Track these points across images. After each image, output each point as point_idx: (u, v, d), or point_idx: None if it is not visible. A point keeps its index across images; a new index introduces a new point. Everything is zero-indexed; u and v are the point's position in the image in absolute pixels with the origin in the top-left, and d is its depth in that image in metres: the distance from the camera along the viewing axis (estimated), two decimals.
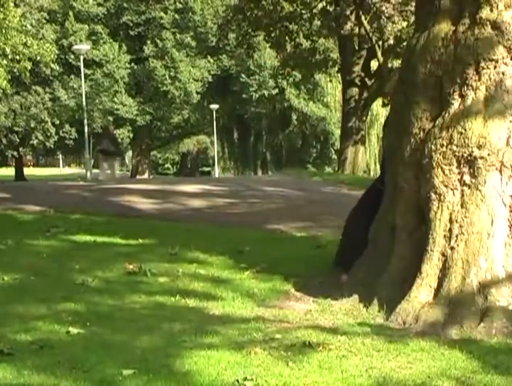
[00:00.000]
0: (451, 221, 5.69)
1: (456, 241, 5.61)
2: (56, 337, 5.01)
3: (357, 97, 26.89)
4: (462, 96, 5.86)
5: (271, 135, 51.89)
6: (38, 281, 6.93)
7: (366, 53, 26.70)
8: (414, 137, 6.13)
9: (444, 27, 6.12)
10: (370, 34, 25.65)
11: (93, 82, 41.94)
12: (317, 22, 27.53)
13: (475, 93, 5.81)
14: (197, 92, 42.85)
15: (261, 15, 27.07)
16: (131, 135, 45.60)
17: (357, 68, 26.80)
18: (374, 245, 6.64)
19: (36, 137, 42.19)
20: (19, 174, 43.75)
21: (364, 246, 6.66)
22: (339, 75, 30.05)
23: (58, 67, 34.80)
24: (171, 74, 42.29)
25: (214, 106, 44.00)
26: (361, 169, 27.86)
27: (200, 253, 8.28)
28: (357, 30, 25.31)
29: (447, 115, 5.91)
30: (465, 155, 5.71)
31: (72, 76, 41.05)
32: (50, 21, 41.06)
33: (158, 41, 42.96)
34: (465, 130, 5.73)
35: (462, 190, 5.71)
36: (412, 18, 17.32)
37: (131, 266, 7.51)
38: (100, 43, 42.50)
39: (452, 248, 5.61)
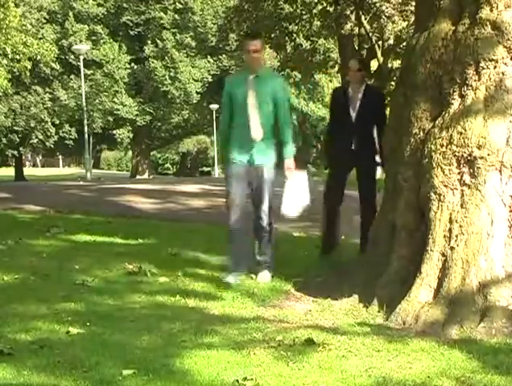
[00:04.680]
0: (451, 221, 5.69)
1: (455, 241, 5.61)
2: (56, 337, 5.01)
3: None
4: (462, 96, 5.87)
5: None
6: (38, 281, 6.93)
7: (366, 53, 26.72)
8: (414, 137, 6.13)
9: (444, 27, 6.12)
10: (370, 34, 25.67)
11: (93, 82, 42.01)
12: (317, 23, 27.54)
13: (475, 93, 5.81)
14: (197, 92, 42.91)
15: (261, 16, 27.08)
16: (131, 135, 45.64)
17: None
18: (374, 245, 6.65)
19: (36, 137, 42.24)
20: (19, 174, 43.76)
21: None
22: (339, 75, 30.07)
23: (58, 67, 34.86)
24: (171, 74, 42.35)
25: (214, 106, 44.02)
26: None
27: (200, 253, 8.28)
28: (357, 30, 25.32)
29: (447, 115, 5.91)
30: (465, 155, 5.71)
31: (72, 76, 41.12)
32: (50, 21, 41.16)
33: (158, 41, 43.00)
34: (465, 130, 5.73)
35: (462, 190, 5.71)
36: (412, 18, 17.33)
37: (131, 266, 7.51)
38: (100, 43, 42.56)
39: (451, 248, 5.62)
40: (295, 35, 28.17)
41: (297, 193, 6.98)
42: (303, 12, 26.95)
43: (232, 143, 6.91)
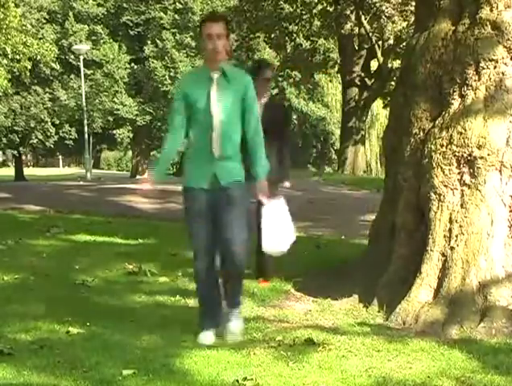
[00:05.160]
0: (451, 221, 5.69)
1: (455, 241, 5.61)
2: (56, 337, 5.01)
3: (357, 97, 26.93)
4: (462, 96, 5.87)
5: None
6: (38, 280, 6.93)
7: (366, 53, 26.72)
8: (414, 137, 6.13)
9: (444, 27, 6.12)
10: (370, 34, 25.66)
11: (93, 82, 41.96)
12: (317, 23, 27.53)
13: (475, 93, 5.81)
14: None
15: (261, 16, 27.08)
16: (131, 135, 45.62)
17: (357, 68, 26.81)
18: (374, 245, 6.65)
19: (36, 137, 42.23)
20: (19, 174, 43.71)
21: None
22: (339, 75, 30.07)
23: (58, 67, 34.85)
24: (171, 74, 42.30)
25: None
26: (361, 169, 27.93)
27: None
28: (357, 30, 25.32)
29: (447, 115, 5.91)
30: (465, 155, 5.71)
31: (72, 76, 41.09)
32: (50, 21, 41.12)
33: (158, 41, 42.96)
34: (465, 130, 5.74)
35: (462, 190, 5.71)
36: (412, 18, 17.34)
37: (131, 266, 7.51)
38: (100, 43, 42.51)
39: (451, 248, 5.62)
40: (295, 35, 28.17)
41: (279, 225, 5.56)
42: (303, 12, 26.96)
43: (187, 164, 5.28)
